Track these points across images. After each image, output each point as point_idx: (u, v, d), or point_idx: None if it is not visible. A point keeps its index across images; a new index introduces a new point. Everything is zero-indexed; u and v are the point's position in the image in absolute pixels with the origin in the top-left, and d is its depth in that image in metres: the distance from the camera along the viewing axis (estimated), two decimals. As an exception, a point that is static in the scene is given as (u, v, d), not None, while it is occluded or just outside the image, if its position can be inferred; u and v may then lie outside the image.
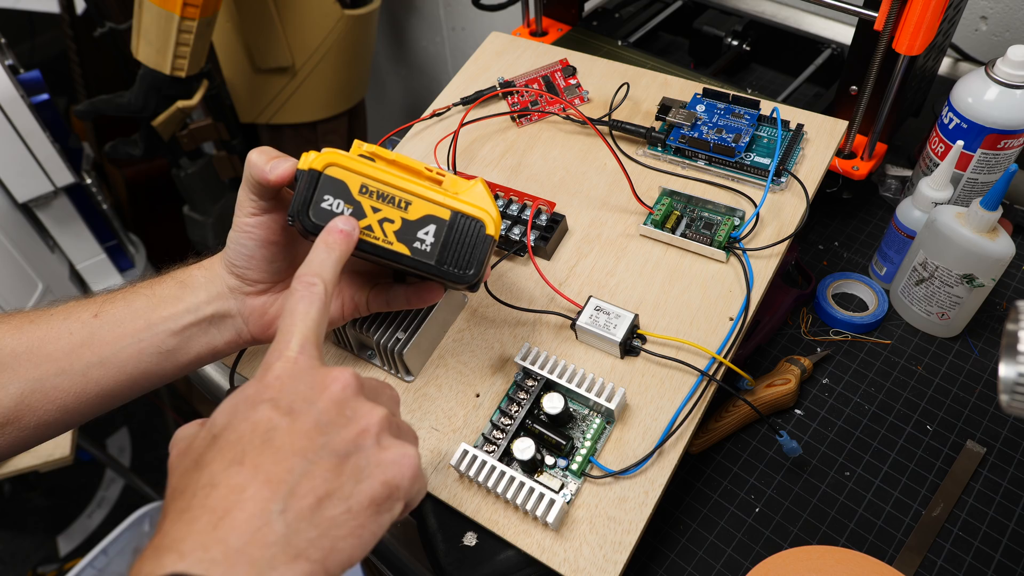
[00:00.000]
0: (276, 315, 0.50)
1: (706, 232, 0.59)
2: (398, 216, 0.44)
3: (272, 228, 0.48)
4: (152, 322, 0.47)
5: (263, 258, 0.48)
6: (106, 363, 0.46)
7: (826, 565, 0.52)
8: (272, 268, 0.49)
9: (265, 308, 0.50)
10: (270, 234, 0.48)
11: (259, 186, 0.46)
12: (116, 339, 0.46)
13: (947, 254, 0.60)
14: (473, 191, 0.46)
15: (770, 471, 0.59)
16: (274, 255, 0.49)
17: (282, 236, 0.49)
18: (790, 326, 0.68)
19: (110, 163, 1.51)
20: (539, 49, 0.77)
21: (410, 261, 0.45)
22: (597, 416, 0.53)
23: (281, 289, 0.51)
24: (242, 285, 0.49)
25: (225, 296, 0.49)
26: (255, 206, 0.47)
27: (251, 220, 0.47)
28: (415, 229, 0.44)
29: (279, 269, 0.50)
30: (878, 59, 0.64)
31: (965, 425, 0.60)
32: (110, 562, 1.17)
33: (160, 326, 0.47)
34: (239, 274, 0.49)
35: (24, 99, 1.04)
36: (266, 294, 0.50)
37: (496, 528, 0.51)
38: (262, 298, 0.50)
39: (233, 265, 0.48)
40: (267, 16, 1.22)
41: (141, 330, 0.47)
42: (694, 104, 0.66)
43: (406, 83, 1.84)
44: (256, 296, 0.50)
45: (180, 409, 1.75)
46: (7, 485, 1.59)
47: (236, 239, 0.48)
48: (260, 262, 0.48)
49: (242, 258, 0.48)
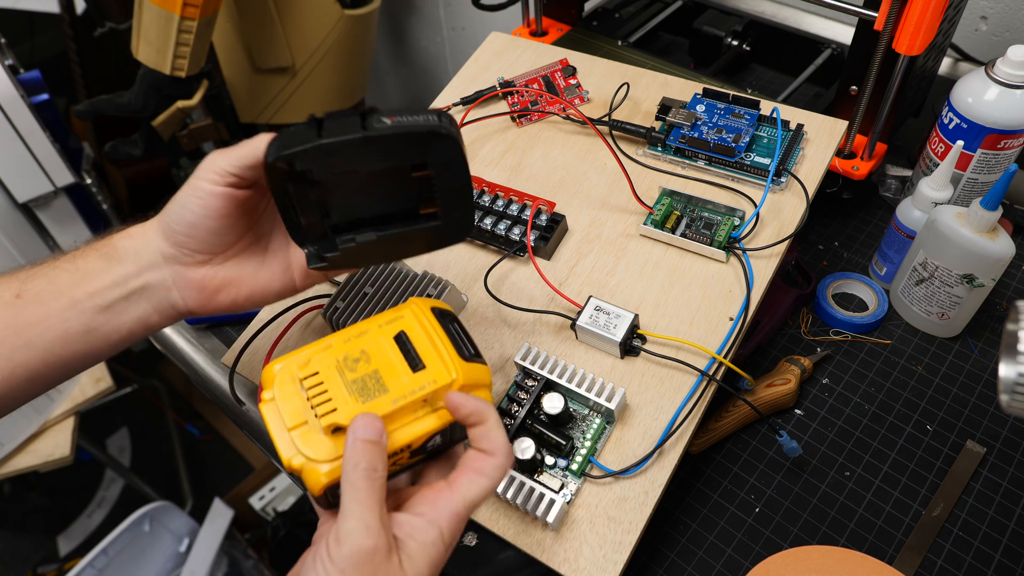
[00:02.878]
0: (218, 289, 0.47)
1: (706, 232, 0.59)
2: (406, 453, 0.41)
3: (228, 202, 0.45)
4: (77, 299, 0.45)
5: (208, 228, 0.45)
6: (32, 345, 0.44)
7: (826, 565, 0.52)
8: (214, 240, 0.46)
9: (204, 282, 0.47)
10: (224, 207, 0.45)
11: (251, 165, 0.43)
12: (40, 319, 0.44)
13: (947, 254, 0.60)
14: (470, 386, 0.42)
15: (770, 471, 0.59)
16: (220, 228, 0.46)
17: (234, 212, 0.46)
18: (790, 326, 0.68)
19: (110, 163, 1.51)
20: (539, 49, 0.77)
21: (431, 457, 0.44)
22: (597, 416, 0.53)
23: (222, 261, 0.47)
24: (179, 255, 0.46)
25: (158, 265, 0.46)
26: (222, 176, 0.44)
27: (209, 187, 0.44)
28: (425, 445, 0.42)
29: (221, 243, 0.47)
30: (878, 59, 0.64)
31: (965, 425, 0.60)
32: (110, 562, 1.17)
33: (86, 303, 0.45)
34: (178, 242, 0.46)
35: (24, 99, 1.04)
36: (205, 266, 0.47)
37: (496, 528, 0.51)
38: (201, 270, 0.47)
39: (172, 231, 0.45)
40: (267, 16, 1.22)
41: (66, 308, 0.44)
42: (694, 104, 0.66)
43: (406, 83, 1.84)
44: (195, 267, 0.47)
45: (180, 409, 1.75)
46: (7, 485, 1.59)
47: (184, 202, 0.45)
48: (203, 232, 0.45)
49: (184, 224, 0.45)
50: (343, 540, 0.35)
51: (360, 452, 0.37)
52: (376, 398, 0.39)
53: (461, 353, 0.41)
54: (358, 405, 0.39)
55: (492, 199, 0.63)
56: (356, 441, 0.37)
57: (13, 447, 1.13)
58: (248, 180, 0.45)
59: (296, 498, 1.47)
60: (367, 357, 0.41)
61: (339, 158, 0.42)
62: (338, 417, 0.39)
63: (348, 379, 0.40)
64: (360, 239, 0.45)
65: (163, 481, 1.63)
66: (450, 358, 0.41)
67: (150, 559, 1.22)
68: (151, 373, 1.76)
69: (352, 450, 0.37)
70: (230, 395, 0.61)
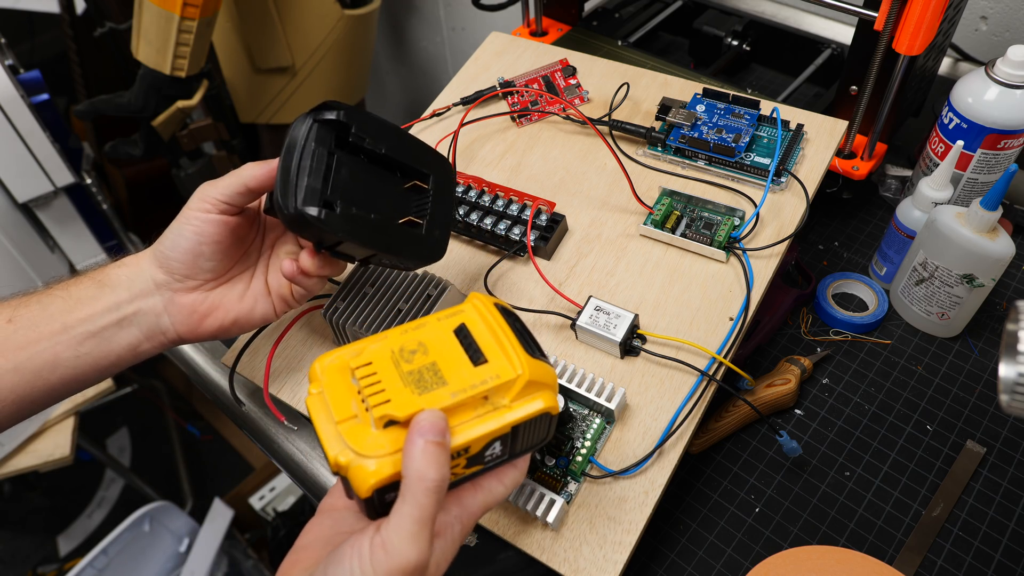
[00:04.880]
0: (206, 313, 0.49)
1: (706, 232, 0.59)
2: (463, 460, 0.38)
3: (221, 228, 0.47)
4: (68, 324, 0.46)
5: (200, 255, 0.47)
6: (21, 369, 0.45)
7: (826, 565, 0.52)
8: (205, 267, 0.48)
9: (195, 307, 0.49)
10: (217, 233, 0.47)
11: (240, 192, 0.46)
12: (30, 343, 0.45)
13: (947, 254, 0.60)
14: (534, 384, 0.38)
15: (770, 471, 0.59)
16: (212, 254, 0.48)
17: (226, 239, 0.48)
18: (790, 326, 0.68)
19: (110, 163, 1.51)
20: (539, 49, 0.77)
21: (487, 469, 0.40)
22: (597, 416, 0.53)
23: (212, 288, 0.50)
24: (171, 281, 0.48)
25: (149, 292, 0.48)
26: (214, 204, 0.46)
27: (203, 215, 0.47)
28: (483, 452, 0.38)
29: (212, 269, 0.49)
30: (878, 59, 0.64)
31: (965, 425, 0.60)
32: (110, 562, 1.17)
33: (77, 328, 0.46)
34: (170, 268, 0.48)
35: (24, 99, 1.04)
36: (195, 292, 0.49)
37: (496, 528, 0.51)
38: (191, 296, 0.49)
39: (166, 257, 0.47)
40: (267, 16, 1.22)
41: (57, 333, 0.45)
42: (694, 104, 0.66)
43: (406, 83, 1.84)
44: (185, 293, 0.49)
45: (180, 409, 1.75)
46: (7, 485, 1.59)
47: (180, 231, 0.47)
48: (196, 258, 0.47)
49: (178, 250, 0.47)
50: (392, 552, 0.33)
51: (428, 460, 0.34)
52: (434, 390, 0.36)
53: (528, 349, 0.38)
54: (414, 397, 0.35)
55: (492, 199, 0.63)
56: (426, 444, 0.34)
57: (13, 447, 1.12)
58: (238, 207, 0.48)
59: (296, 498, 1.47)
60: (424, 349, 0.38)
61: (371, 129, 0.47)
62: (392, 408, 0.35)
63: (404, 370, 0.37)
64: (357, 211, 0.46)
65: (163, 481, 1.63)
66: (515, 353, 0.38)
67: (150, 559, 1.22)
68: (151, 373, 1.76)
69: (418, 457, 0.34)
70: (230, 395, 0.61)
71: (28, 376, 0.45)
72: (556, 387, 0.39)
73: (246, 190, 0.47)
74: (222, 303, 0.50)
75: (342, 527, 0.39)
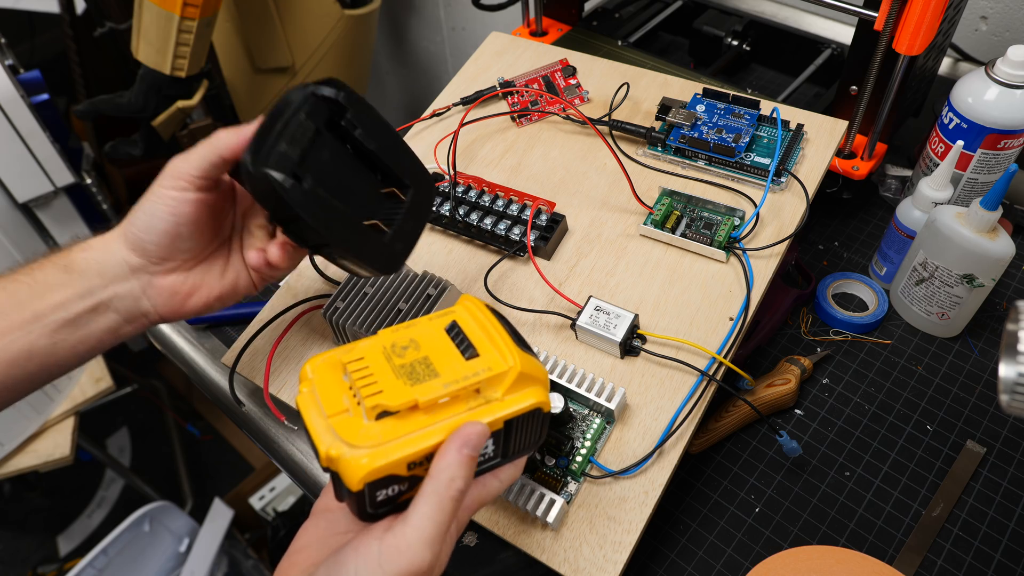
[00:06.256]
0: (189, 293, 0.48)
1: (706, 232, 0.59)
2: None
3: (198, 208, 0.45)
4: (39, 312, 0.44)
5: (178, 236, 0.45)
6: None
7: (826, 565, 0.52)
8: (184, 248, 0.46)
9: (175, 288, 0.47)
10: (195, 212, 0.45)
11: (215, 164, 0.44)
12: (2, 333, 0.44)
13: (947, 254, 0.60)
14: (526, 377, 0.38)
15: (770, 471, 0.59)
16: (190, 235, 0.46)
17: (204, 218, 0.46)
18: (790, 326, 0.68)
19: (110, 163, 1.51)
20: (539, 49, 0.77)
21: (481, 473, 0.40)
22: (597, 416, 0.53)
23: (191, 267, 0.48)
24: (147, 264, 0.46)
25: (124, 277, 0.46)
26: (190, 181, 0.44)
27: (179, 195, 0.44)
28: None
29: (191, 249, 0.47)
30: (878, 59, 0.64)
31: (965, 425, 0.60)
32: (110, 562, 1.17)
33: (49, 316, 0.44)
34: (145, 251, 0.46)
35: (24, 99, 1.04)
36: (174, 273, 0.47)
37: (496, 528, 0.51)
38: (170, 278, 0.47)
39: (140, 240, 0.45)
40: (267, 16, 1.22)
41: (29, 322, 0.44)
42: (694, 104, 0.66)
43: (406, 83, 1.84)
44: (164, 276, 0.47)
45: (180, 409, 1.75)
46: (7, 485, 1.59)
47: (153, 211, 0.45)
48: (174, 240, 0.45)
49: (154, 232, 0.45)
50: (408, 553, 0.33)
51: (464, 468, 0.34)
52: (426, 382, 0.36)
53: (519, 345, 0.39)
54: (406, 387, 0.35)
55: (492, 199, 0.63)
56: (464, 453, 0.34)
57: (13, 447, 1.13)
58: (214, 180, 0.45)
59: (296, 498, 1.47)
60: (416, 344, 0.38)
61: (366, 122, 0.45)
62: (384, 399, 0.35)
63: (396, 364, 0.36)
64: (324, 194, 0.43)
65: (163, 481, 1.63)
66: (507, 347, 0.38)
67: (150, 559, 1.22)
68: (151, 373, 1.76)
69: (455, 464, 0.34)
70: (230, 395, 0.61)
71: (3, 366, 0.44)
72: (548, 384, 0.40)
73: (221, 161, 0.44)
74: (204, 282, 0.48)
75: (337, 528, 0.38)
